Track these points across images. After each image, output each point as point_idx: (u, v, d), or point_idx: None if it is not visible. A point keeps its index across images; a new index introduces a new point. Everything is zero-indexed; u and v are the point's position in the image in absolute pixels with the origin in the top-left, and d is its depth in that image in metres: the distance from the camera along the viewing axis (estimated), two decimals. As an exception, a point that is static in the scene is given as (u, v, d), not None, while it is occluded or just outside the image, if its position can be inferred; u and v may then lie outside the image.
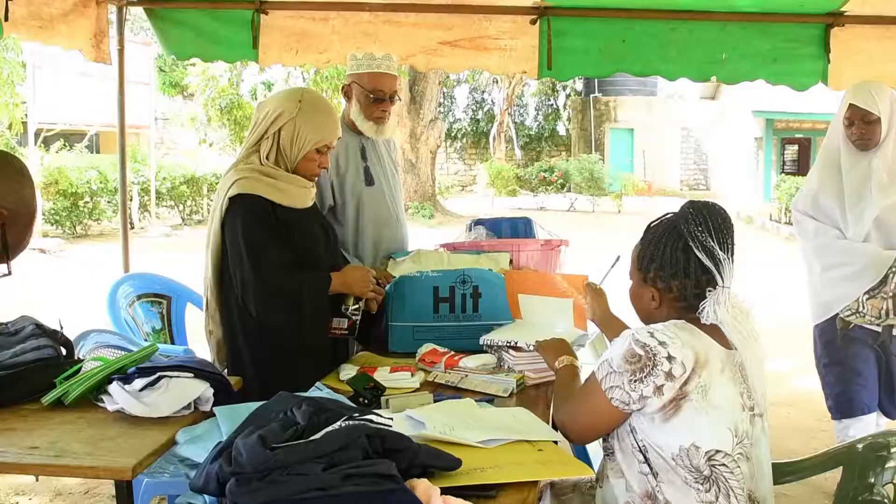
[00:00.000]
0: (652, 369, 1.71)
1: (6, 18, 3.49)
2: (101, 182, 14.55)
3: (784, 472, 2.10)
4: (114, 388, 1.89)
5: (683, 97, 28.64)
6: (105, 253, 12.17)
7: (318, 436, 1.53)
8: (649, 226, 1.92)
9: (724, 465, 1.73)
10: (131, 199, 15.60)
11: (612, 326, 2.39)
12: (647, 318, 1.91)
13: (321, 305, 2.59)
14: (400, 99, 3.37)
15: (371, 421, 1.63)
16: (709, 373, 1.74)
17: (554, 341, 2.28)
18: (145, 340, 3.46)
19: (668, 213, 1.91)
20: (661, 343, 1.73)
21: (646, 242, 1.89)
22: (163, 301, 3.76)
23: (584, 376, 1.97)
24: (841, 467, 2.09)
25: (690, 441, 1.72)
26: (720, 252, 1.79)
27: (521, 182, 23.48)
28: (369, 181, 3.20)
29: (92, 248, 13.25)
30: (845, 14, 3.95)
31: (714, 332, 1.80)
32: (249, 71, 18.35)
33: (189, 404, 1.91)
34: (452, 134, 29.64)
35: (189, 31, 4.20)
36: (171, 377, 1.90)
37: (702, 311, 1.80)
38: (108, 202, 15.11)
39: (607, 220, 20.46)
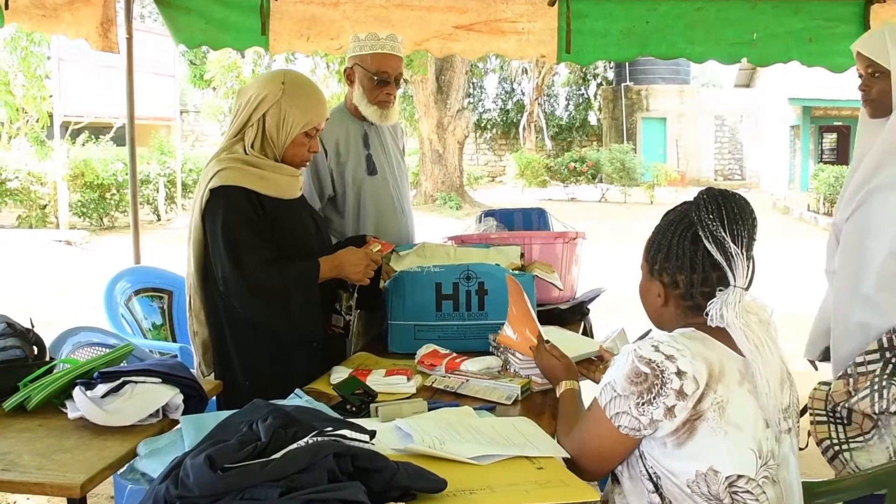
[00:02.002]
0: (661, 388, 1.51)
1: (6, 6, 3.40)
2: (127, 174, 14.55)
3: (815, 494, 1.83)
4: (76, 393, 1.76)
5: (717, 85, 28.18)
6: (132, 245, 12.20)
7: (279, 454, 1.37)
8: (665, 213, 1.74)
9: (747, 491, 1.53)
10: (157, 191, 15.67)
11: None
12: (656, 318, 1.73)
13: (312, 297, 2.41)
14: (406, 82, 3.18)
15: (343, 436, 1.47)
16: (725, 387, 1.53)
17: (555, 362, 2.03)
18: (144, 337, 3.35)
19: (684, 202, 1.71)
20: (669, 357, 1.52)
21: (656, 230, 1.71)
22: (164, 296, 3.64)
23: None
24: (886, 490, 1.87)
25: (708, 465, 1.52)
26: (732, 245, 1.57)
27: (551, 172, 23.21)
28: (371, 170, 3.03)
29: (118, 239, 13.27)
30: (879, -10, 3.71)
31: (729, 338, 1.60)
32: (277, 64, 18.39)
33: (157, 412, 1.77)
34: (482, 124, 29.47)
35: (197, 18, 4.12)
36: (136, 382, 1.76)
37: (707, 312, 1.59)
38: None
39: (639, 210, 20.15)
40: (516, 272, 2.70)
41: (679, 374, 1.51)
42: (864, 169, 2.31)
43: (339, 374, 2.26)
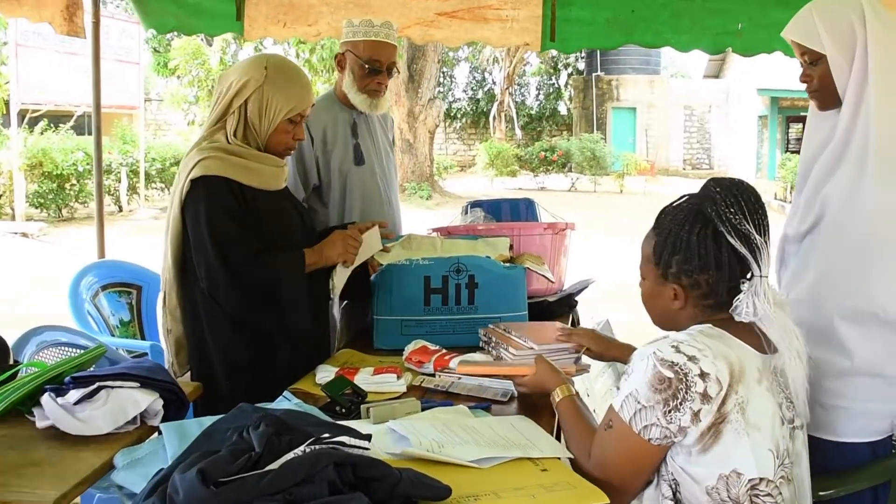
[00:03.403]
0: (686, 392, 1.43)
1: (-37, -9, 3.23)
2: (88, 164, 14.23)
3: (821, 486, 1.78)
4: (46, 400, 1.62)
5: (687, 75, 28.39)
6: (91, 237, 11.94)
7: (276, 465, 1.27)
8: (665, 212, 1.63)
9: (768, 494, 1.47)
10: (119, 181, 15.34)
11: (615, 352, 2.08)
12: (667, 322, 1.64)
13: (299, 289, 2.30)
14: (399, 72, 3.07)
15: (342, 444, 1.37)
16: (745, 386, 1.47)
17: (540, 372, 1.89)
18: (111, 335, 3.20)
19: (685, 197, 1.62)
20: (691, 358, 1.44)
21: (664, 231, 1.59)
22: (132, 291, 3.50)
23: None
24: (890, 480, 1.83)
25: (731, 467, 1.46)
26: (757, 237, 1.51)
27: (521, 162, 23.21)
28: (359, 160, 2.93)
29: (78, 231, 12.97)
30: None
31: (746, 334, 1.53)
32: (245, 52, 18.14)
33: (135, 418, 1.65)
34: (452, 114, 29.33)
35: (169, 2, 4.01)
36: (111, 387, 1.63)
37: (736, 307, 1.52)
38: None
39: (609, 199, 20.25)
40: (506, 264, 2.62)
41: (703, 375, 1.43)
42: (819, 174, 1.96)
43: (325, 373, 2.16)
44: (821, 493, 1.76)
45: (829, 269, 1.86)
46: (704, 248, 1.53)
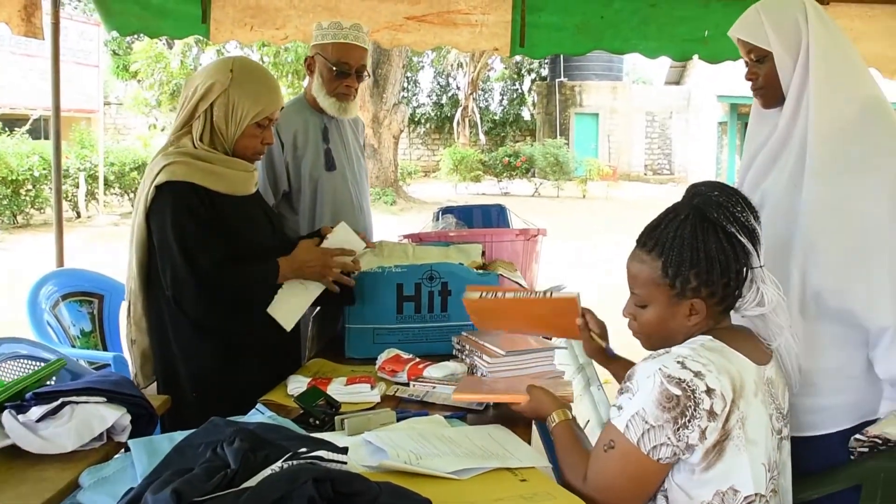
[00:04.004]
0: (695, 410, 1.39)
1: (-86, -12, 3.12)
2: (44, 168, 13.90)
3: (795, 491, 1.75)
4: (6, 418, 1.54)
5: (649, 82, 28.71)
6: (48, 244, 11.65)
7: (252, 482, 1.22)
8: (658, 230, 1.55)
9: None
10: (77, 187, 15.03)
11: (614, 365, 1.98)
12: (669, 343, 1.57)
13: (269, 300, 2.25)
14: (369, 75, 3.02)
15: (320, 458, 1.33)
16: (745, 401, 1.45)
17: (535, 399, 1.80)
18: (72, 346, 3.11)
19: (672, 211, 1.57)
20: (697, 374, 1.41)
21: (671, 249, 1.51)
22: (93, 300, 3.40)
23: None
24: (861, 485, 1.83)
25: (729, 484, 1.44)
26: (758, 228, 1.53)
27: (485, 167, 23.25)
28: (330, 165, 2.87)
29: (34, 238, 12.65)
30: (831, -8, 3.75)
31: (742, 344, 1.52)
32: (207, 55, 17.94)
33: (101, 435, 1.58)
34: (416, 119, 29.30)
35: (132, 4, 3.90)
36: (76, 403, 1.57)
37: (744, 303, 1.52)
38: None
39: (572, 205, 20.37)
40: (479, 271, 2.59)
41: (709, 392, 1.40)
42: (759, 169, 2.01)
43: (297, 383, 2.11)
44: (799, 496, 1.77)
45: (767, 260, 1.87)
46: (723, 253, 1.50)
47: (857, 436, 1.85)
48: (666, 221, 1.56)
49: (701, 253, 1.50)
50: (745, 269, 1.53)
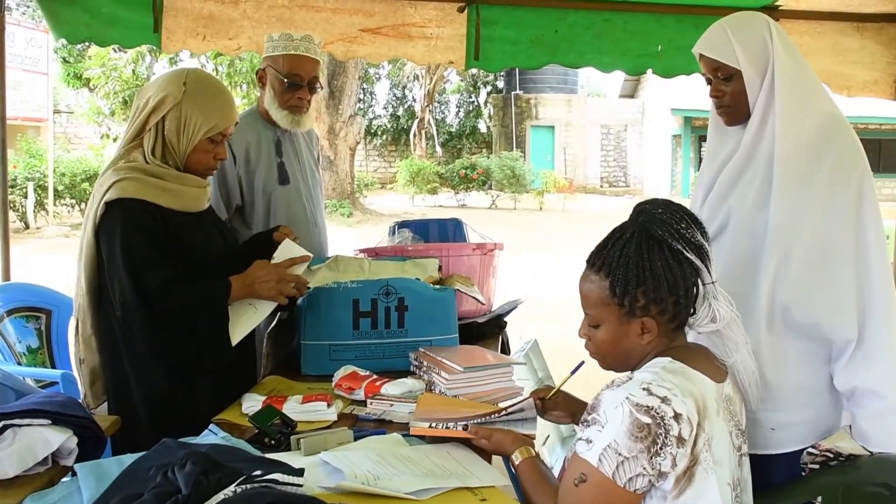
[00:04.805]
0: (665, 438, 1.37)
1: None
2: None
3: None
4: (-55, 442, 1.49)
5: (603, 95, 29.06)
6: (-1, 256, 11.34)
7: (205, 508, 1.19)
8: (605, 250, 1.55)
9: None
10: (26, 197, 14.69)
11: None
12: (627, 362, 1.57)
13: (221, 319, 2.18)
14: (322, 87, 2.99)
15: (275, 481, 1.30)
16: (710, 422, 1.44)
17: (498, 436, 1.74)
18: (18, 363, 3.02)
19: (618, 231, 1.57)
20: (664, 399, 1.39)
21: (617, 268, 1.51)
22: (41, 315, 3.31)
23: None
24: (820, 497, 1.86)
25: None
26: (705, 243, 1.52)
27: (442, 179, 23.31)
28: (283, 179, 2.84)
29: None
30: (780, 8, 3.82)
31: (700, 362, 1.51)
32: (160, 64, 17.71)
33: (45, 459, 1.53)
34: (372, 130, 29.27)
35: (81, 11, 3.80)
36: (19, 426, 1.51)
37: (696, 319, 1.51)
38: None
39: (529, 217, 20.51)
40: (436, 286, 2.58)
41: (676, 417, 1.39)
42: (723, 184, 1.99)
43: (252, 402, 2.06)
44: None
45: (734, 276, 1.88)
46: (669, 271, 1.49)
47: (810, 450, 1.89)
48: (612, 241, 1.55)
49: (647, 271, 1.49)
50: (694, 286, 1.52)
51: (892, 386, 1.79)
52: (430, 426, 1.82)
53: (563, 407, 1.89)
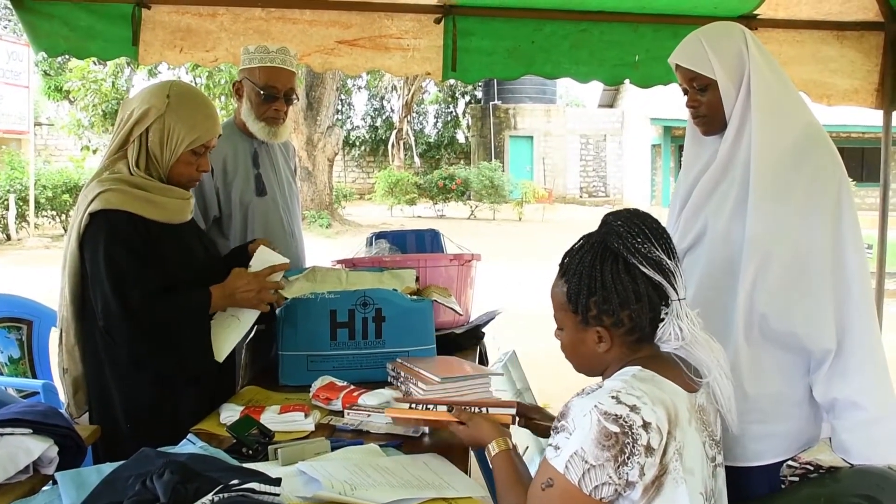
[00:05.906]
0: (633, 447, 1.37)
1: None
2: (-30, 191, 13.50)
3: None
4: (-77, 453, 1.49)
5: (582, 105, 29.18)
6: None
7: (182, 517, 1.21)
8: (569, 256, 1.57)
9: None
10: (7, 209, 14.57)
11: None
12: (593, 367, 1.58)
13: (202, 330, 2.20)
14: (297, 99, 3.01)
15: (252, 490, 1.32)
16: (681, 430, 1.43)
17: (475, 425, 1.74)
18: (0, 374, 3.01)
19: (583, 238, 1.57)
20: (633, 408, 1.38)
21: (574, 276, 1.52)
22: (22, 326, 3.30)
23: None
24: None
25: None
26: (668, 261, 1.49)
27: (420, 190, 23.31)
28: (260, 191, 2.86)
29: (-43, 263, 12.23)
30: (758, 17, 3.86)
31: (671, 371, 1.50)
32: (139, 76, 17.64)
33: (26, 468, 1.54)
34: (351, 141, 29.24)
35: (60, 25, 3.79)
36: (0, 435, 1.52)
37: (661, 336, 1.50)
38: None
39: (509, 227, 20.57)
40: (413, 296, 2.60)
41: (645, 426, 1.38)
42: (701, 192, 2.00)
43: (230, 412, 2.08)
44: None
45: (711, 286, 1.90)
46: (621, 283, 1.48)
47: (790, 462, 1.87)
48: (576, 248, 1.56)
49: (597, 282, 1.49)
50: (653, 301, 1.50)
51: (872, 397, 1.79)
52: (410, 407, 1.84)
53: (542, 416, 1.90)
